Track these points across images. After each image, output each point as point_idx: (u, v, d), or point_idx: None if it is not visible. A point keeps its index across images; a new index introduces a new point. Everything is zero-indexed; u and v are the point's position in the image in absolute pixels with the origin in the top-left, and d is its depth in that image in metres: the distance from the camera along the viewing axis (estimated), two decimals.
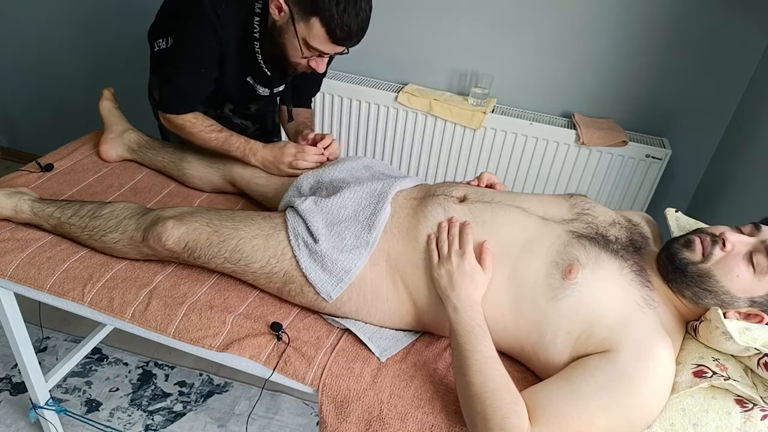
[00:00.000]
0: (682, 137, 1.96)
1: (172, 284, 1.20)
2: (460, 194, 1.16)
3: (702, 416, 0.87)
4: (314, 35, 1.27)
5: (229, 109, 1.71)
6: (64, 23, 2.45)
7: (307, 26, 1.26)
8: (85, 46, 2.49)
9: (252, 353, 1.08)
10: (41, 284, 1.19)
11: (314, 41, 1.28)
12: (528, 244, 1.04)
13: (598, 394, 0.86)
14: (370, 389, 1.02)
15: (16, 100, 2.82)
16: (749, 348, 0.89)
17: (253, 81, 1.52)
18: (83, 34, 2.46)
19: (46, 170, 1.52)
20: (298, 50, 1.31)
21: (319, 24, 1.24)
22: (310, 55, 1.33)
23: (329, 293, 1.11)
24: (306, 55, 1.33)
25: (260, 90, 1.55)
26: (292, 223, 1.17)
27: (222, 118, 1.64)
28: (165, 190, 1.55)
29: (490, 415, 0.86)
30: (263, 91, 1.56)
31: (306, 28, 1.26)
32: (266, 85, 1.54)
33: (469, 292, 0.99)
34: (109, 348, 2.03)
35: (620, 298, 0.95)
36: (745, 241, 0.93)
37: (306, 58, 1.35)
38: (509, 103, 2.07)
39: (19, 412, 1.80)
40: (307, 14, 1.24)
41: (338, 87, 2.09)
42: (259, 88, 1.54)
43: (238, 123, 1.74)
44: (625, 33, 1.84)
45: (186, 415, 1.83)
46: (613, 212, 1.12)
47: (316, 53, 1.33)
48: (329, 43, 1.29)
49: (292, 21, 1.27)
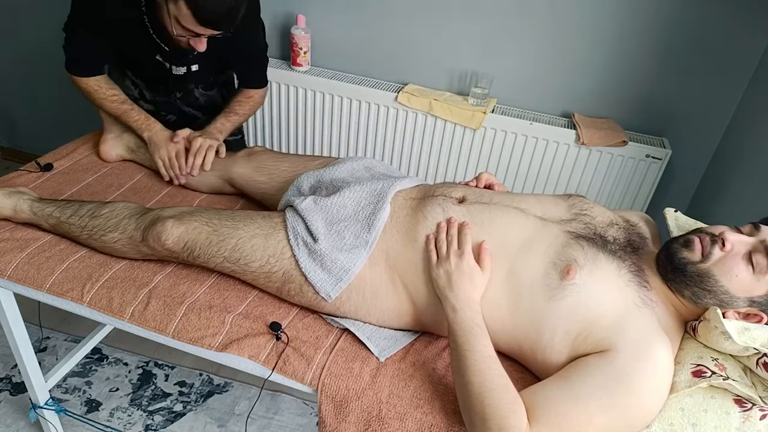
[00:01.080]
0: (682, 137, 1.96)
1: (172, 284, 1.20)
2: (459, 195, 1.16)
3: (701, 416, 0.87)
4: (183, 16, 1.31)
5: (178, 96, 1.74)
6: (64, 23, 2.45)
7: (176, 6, 1.30)
8: None
9: (251, 353, 1.08)
10: (40, 284, 1.19)
11: (185, 22, 1.32)
12: (526, 245, 1.04)
13: (596, 393, 0.86)
14: (369, 389, 1.02)
15: (16, 100, 2.82)
16: (748, 348, 0.89)
17: (162, 59, 1.56)
18: None
19: (45, 170, 1.52)
20: (172, 29, 1.36)
21: (185, 6, 1.29)
22: (186, 34, 1.37)
23: (328, 293, 1.11)
24: (181, 34, 1.37)
25: (173, 68, 1.59)
26: (291, 223, 1.17)
27: (170, 104, 1.73)
28: (164, 190, 1.55)
29: (488, 414, 0.86)
30: (177, 69, 1.59)
31: (176, 9, 1.31)
32: (175, 62, 1.58)
33: (467, 293, 1.00)
34: (109, 348, 2.03)
35: (618, 298, 0.95)
36: (744, 241, 0.93)
37: (184, 37, 1.38)
38: (509, 103, 2.07)
39: (19, 412, 1.80)
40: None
41: (338, 87, 2.09)
42: (171, 66, 1.58)
43: (187, 111, 1.76)
44: (625, 33, 1.84)
45: (186, 415, 1.83)
46: (611, 213, 1.12)
47: (191, 33, 1.37)
48: (197, 24, 1.32)
49: (165, 1, 1.31)
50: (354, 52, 2.15)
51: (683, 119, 1.94)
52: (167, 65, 1.58)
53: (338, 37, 2.13)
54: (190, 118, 1.73)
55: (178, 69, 1.60)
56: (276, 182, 1.43)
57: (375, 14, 2.05)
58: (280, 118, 2.23)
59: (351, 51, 2.15)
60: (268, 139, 2.31)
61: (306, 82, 2.11)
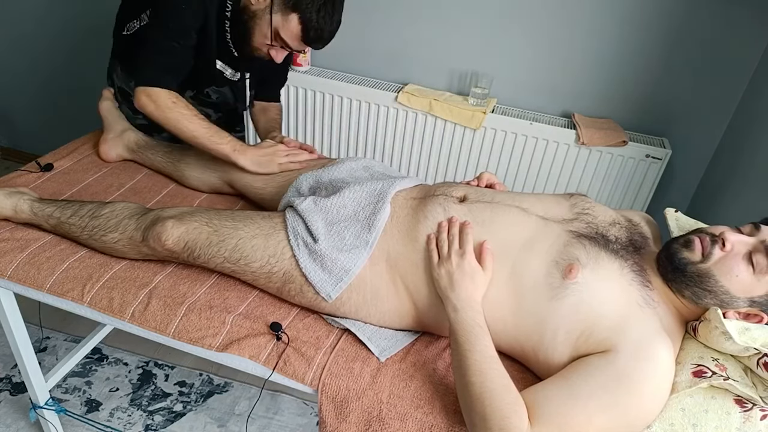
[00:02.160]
0: (682, 137, 1.96)
1: (172, 284, 1.20)
2: (460, 194, 1.16)
3: (701, 416, 0.87)
4: (288, 30, 1.33)
5: (190, 95, 1.67)
6: (64, 23, 2.45)
7: (284, 19, 1.32)
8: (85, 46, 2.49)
9: (251, 353, 1.08)
10: (41, 284, 1.19)
11: (285, 35, 1.34)
12: (528, 244, 1.04)
13: (597, 393, 0.86)
14: (369, 389, 1.02)
15: (16, 100, 2.82)
16: (749, 348, 0.89)
17: (222, 65, 1.55)
18: (83, 34, 2.46)
19: (45, 170, 1.52)
20: (266, 38, 1.37)
21: (297, 21, 1.31)
22: (276, 45, 1.39)
23: (329, 293, 1.11)
24: (272, 44, 1.38)
25: (228, 72, 1.58)
26: (291, 223, 1.17)
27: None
28: (165, 190, 1.55)
29: (489, 415, 0.86)
30: (231, 73, 1.58)
31: (282, 21, 1.32)
32: (234, 67, 1.57)
33: (469, 292, 0.99)
34: (109, 348, 2.03)
35: (620, 298, 0.95)
36: (744, 241, 0.93)
37: (269, 46, 1.40)
38: (509, 103, 2.07)
39: (19, 412, 1.80)
40: (288, 9, 1.31)
41: (338, 87, 2.09)
42: (228, 69, 1.57)
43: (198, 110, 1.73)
44: (625, 33, 1.84)
45: (186, 415, 1.83)
46: (613, 212, 1.12)
47: (282, 45, 1.38)
48: (299, 40, 1.36)
49: (270, 10, 1.32)
50: (354, 52, 2.15)
51: (683, 119, 1.94)
52: (225, 70, 1.56)
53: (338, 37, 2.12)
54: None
55: (233, 73, 1.58)
56: (275, 183, 1.43)
57: (375, 14, 2.05)
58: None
59: (351, 51, 2.15)
60: None
61: (306, 82, 2.11)
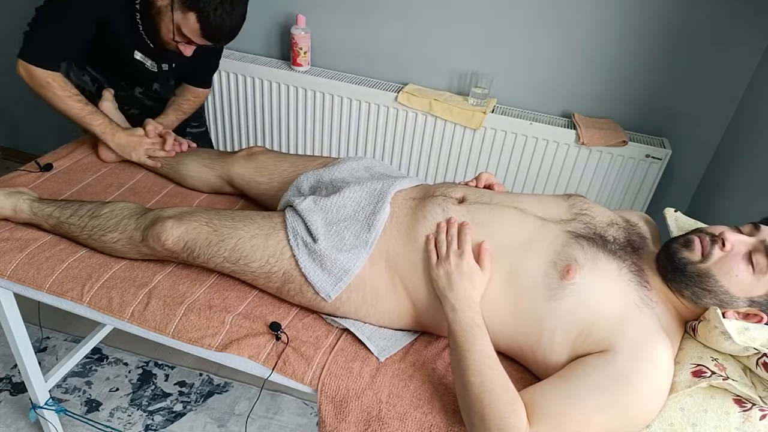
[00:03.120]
0: (682, 137, 1.96)
1: (171, 284, 1.20)
2: (459, 195, 1.16)
3: (701, 416, 0.87)
4: (188, 26, 1.39)
5: (139, 91, 1.79)
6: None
7: (183, 17, 1.38)
8: None
9: (251, 353, 1.08)
10: (40, 284, 1.19)
11: (186, 31, 1.40)
12: (526, 245, 1.04)
13: (596, 393, 0.86)
14: (368, 389, 1.02)
15: (16, 100, 2.82)
16: (748, 348, 0.89)
17: (142, 56, 1.59)
18: None
19: (45, 170, 1.52)
20: (171, 33, 1.42)
21: (195, 19, 1.37)
22: (181, 40, 1.44)
23: (328, 293, 1.11)
24: (177, 40, 1.44)
25: (148, 63, 1.62)
26: (291, 223, 1.17)
27: (134, 99, 1.77)
28: (164, 190, 1.55)
29: (488, 414, 0.86)
30: (151, 65, 1.63)
31: (182, 18, 1.38)
32: (153, 58, 1.62)
33: (467, 293, 0.99)
34: (109, 348, 2.04)
35: (618, 298, 0.95)
36: (744, 240, 0.93)
37: (176, 42, 1.45)
38: (509, 103, 2.07)
39: (19, 412, 1.80)
40: (186, 7, 1.36)
41: (338, 87, 2.09)
42: (147, 61, 1.61)
43: (150, 105, 1.81)
44: (625, 33, 1.84)
45: (186, 415, 1.83)
46: (611, 212, 1.12)
47: (186, 40, 1.44)
48: (200, 36, 1.41)
49: (171, 7, 1.38)
50: (354, 52, 2.15)
51: (683, 119, 1.94)
52: (145, 62, 1.61)
53: (338, 37, 2.13)
54: (152, 111, 1.75)
55: (152, 64, 1.63)
56: (276, 182, 1.43)
57: (375, 14, 2.05)
58: (280, 118, 2.23)
59: (351, 51, 2.15)
60: (268, 139, 2.31)
61: (306, 82, 2.11)
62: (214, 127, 2.35)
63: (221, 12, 1.37)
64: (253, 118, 2.27)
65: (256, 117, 2.27)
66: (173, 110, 1.72)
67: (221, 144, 2.39)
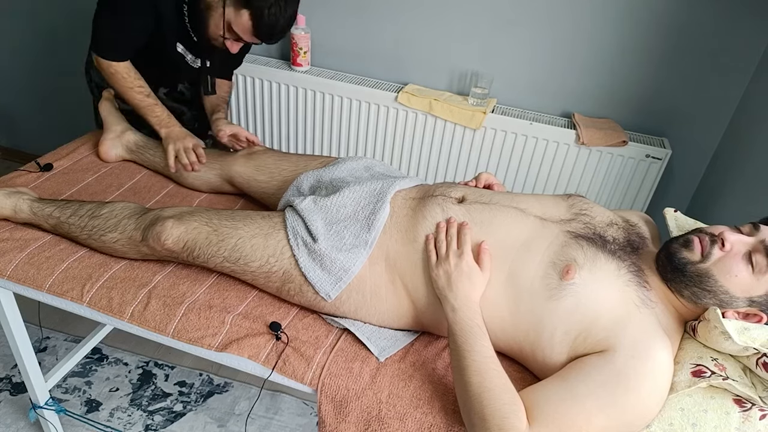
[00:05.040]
0: (682, 137, 1.96)
1: (171, 284, 1.20)
2: (459, 195, 1.16)
3: (701, 416, 0.87)
4: (240, 24, 1.38)
5: (163, 92, 1.78)
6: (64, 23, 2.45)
7: (236, 14, 1.36)
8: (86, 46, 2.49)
9: (251, 353, 1.08)
10: (40, 284, 1.19)
11: (238, 28, 1.39)
12: (526, 245, 1.04)
13: (596, 393, 0.86)
14: (368, 389, 1.02)
15: (16, 100, 2.83)
16: (748, 348, 0.89)
17: (183, 49, 1.59)
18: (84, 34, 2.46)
19: (45, 170, 1.52)
20: (220, 29, 1.41)
21: (248, 17, 1.36)
22: (230, 37, 1.43)
23: (328, 292, 1.11)
24: (225, 36, 1.43)
25: (189, 58, 1.62)
26: (291, 223, 1.17)
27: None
28: (164, 190, 1.55)
29: (488, 415, 0.86)
30: (192, 59, 1.62)
31: (235, 15, 1.37)
32: (195, 53, 1.61)
33: (467, 292, 0.99)
34: (109, 348, 2.04)
35: (618, 298, 0.95)
36: (744, 240, 0.93)
37: (223, 38, 1.44)
38: (509, 103, 2.07)
39: (19, 412, 1.80)
40: (240, 4, 1.35)
41: (338, 87, 2.09)
42: (189, 55, 1.61)
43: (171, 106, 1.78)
44: (625, 33, 1.84)
45: (186, 415, 1.83)
46: (611, 212, 1.12)
47: (234, 37, 1.43)
48: (251, 35, 1.40)
49: (223, 3, 1.37)
50: (354, 52, 2.15)
51: (683, 119, 1.94)
52: (186, 55, 1.60)
53: (338, 37, 2.13)
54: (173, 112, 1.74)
55: (194, 59, 1.62)
56: (276, 181, 1.43)
57: (375, 14, 2.05)
58: (280, 118, 2.23)
59: (351, 51, 2.15)
60: (268, 139, 2.31)
61: (306, 82, 2.11)
62: None
63: (275, 11, 1.35)
64: (253, 118, 2.27)
65: (256, 117, 2.27)
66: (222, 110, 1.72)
67: None
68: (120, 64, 1.50)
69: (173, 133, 1.54)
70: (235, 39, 1.44)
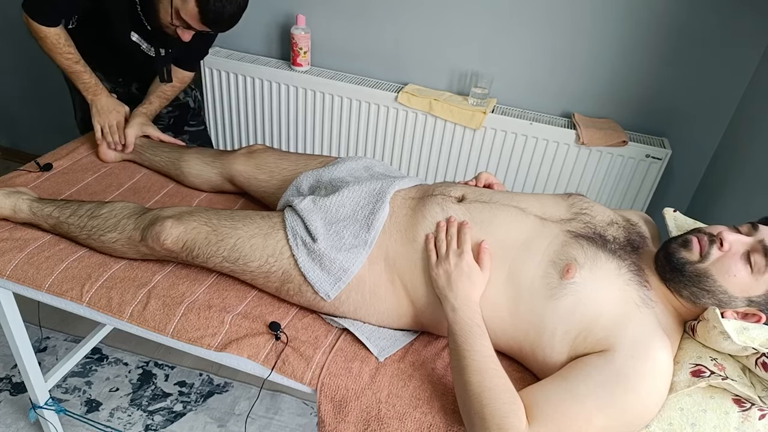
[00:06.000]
0: (682, 137, 1.96)
1: (171, 284, 1.20)
2: (459, 194, 1.16)
3: (700, 416, 0.87)
4: (187, 11, 1.38)
5: (136, 87, 1.81)
6: None
7: (183, 1, 1.36)
8: None
9: (250, 353, 1.08)
10: (40, 284, 1.19)
11: (185, 15, 1.39)
12: (526, 244, 1.04)
13: (595, 393, 0.86)
14: (368, 389, 1.02)
15: (16, 100, 2.83)
16: (747, 347, 0.89)
17: (138, 38, 1.60)
18: None
19: (44, 170, 1.52)
20: (169, 17, 1.41)
21: (194, 4, 1.36)
22: (179, 24, 1.43)
23: (327, 292, 1.11)
24: (175, 24, 1.43)
25: (144, 46, 1.62)
26: (290, 222, 1.17)
27: (131, 96, 1.78)
28: (164, 190, 1.55)
29: (487, 414, 0.86)
30: (147, 47, 1.63)
31: (182, 2, 1.37)
32: (150, 41, 1.62)
33: (466, 292, 0.99)
34: (109, 348, 2.04)
35: (618, 297, 0.95)
36: (742, 240, 0.93)
37: (174, 26, 1.44)
38: (509, 103, 2.07)
39: (19, 412, 1.80)
40: None
41: (338, 87, 2.09)
42: (144, 44, 1.62)
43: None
44: (625, 33, 1.84)
45: (186, 415, 1.84)
46: (611, 212, 1.12)
47: (184, 25, 1.43)
48: (199, 22, 1.40)
49: None
50: (354, 52, 2.15)
51: (683, 119, 1.94)
52: (141, 44, 1.62)
53: (338, 37, 2.13)
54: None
55: (149, 48, 1.64)
56: (276, 180, 1.43)
57: (375, 14, 2.05)
58: (280, 118, 2.23)
59: (351, 51, 2.15)
60: (268, 139, 2.31)
61: (306, 82, 2.11)
62: (214, 127, 2.35)
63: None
64: (253, 118, 2.27)
65: (256, 117, 2.27)
66: (157, 97, 1.72)
67: (221, 143, 2.39)
68: (50, 30, 1.50)
69: (99, 102, 1.60)
70: (185, 27, 1.44)
